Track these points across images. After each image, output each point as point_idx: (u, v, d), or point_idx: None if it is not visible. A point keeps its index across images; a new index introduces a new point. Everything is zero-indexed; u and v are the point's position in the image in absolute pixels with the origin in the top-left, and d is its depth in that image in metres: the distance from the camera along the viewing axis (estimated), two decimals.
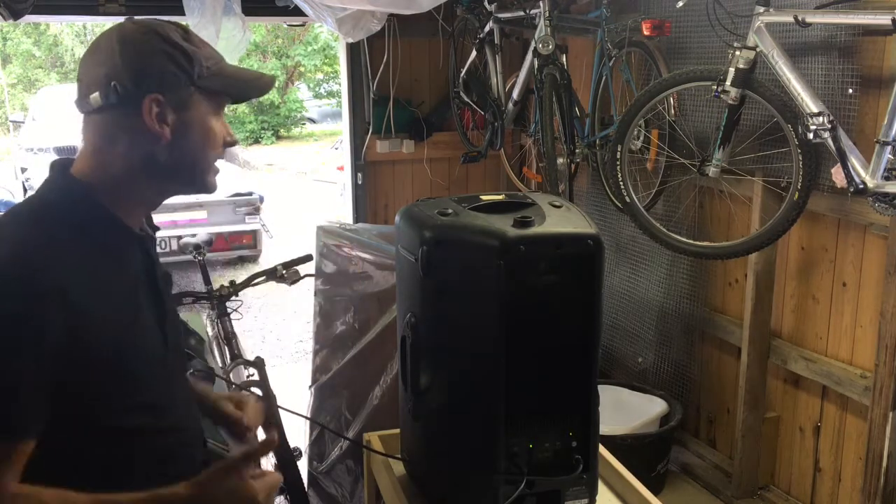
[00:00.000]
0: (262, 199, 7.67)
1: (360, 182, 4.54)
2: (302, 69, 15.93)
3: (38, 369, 1.13)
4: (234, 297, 3.05)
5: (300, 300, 6.57)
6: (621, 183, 3.02)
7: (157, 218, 1.47)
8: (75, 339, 1.16)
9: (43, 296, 1.14)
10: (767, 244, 2.80)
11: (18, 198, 8.42)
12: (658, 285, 3.59)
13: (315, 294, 3.28)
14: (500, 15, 3.81)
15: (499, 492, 1.36)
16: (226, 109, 1.39)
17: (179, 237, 6.24)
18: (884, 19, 2.25)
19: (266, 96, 15.02)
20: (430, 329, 1.42)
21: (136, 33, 1.27)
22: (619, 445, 2.82)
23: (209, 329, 3.23)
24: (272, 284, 3.11)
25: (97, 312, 1.19)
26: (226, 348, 3.07)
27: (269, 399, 2.87)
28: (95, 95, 1.25)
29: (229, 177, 8.91)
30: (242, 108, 14.91)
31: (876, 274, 2.68)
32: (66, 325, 1.15)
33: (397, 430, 1.69)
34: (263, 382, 2.94)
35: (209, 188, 1.37)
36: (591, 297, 1.36)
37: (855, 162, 2.40)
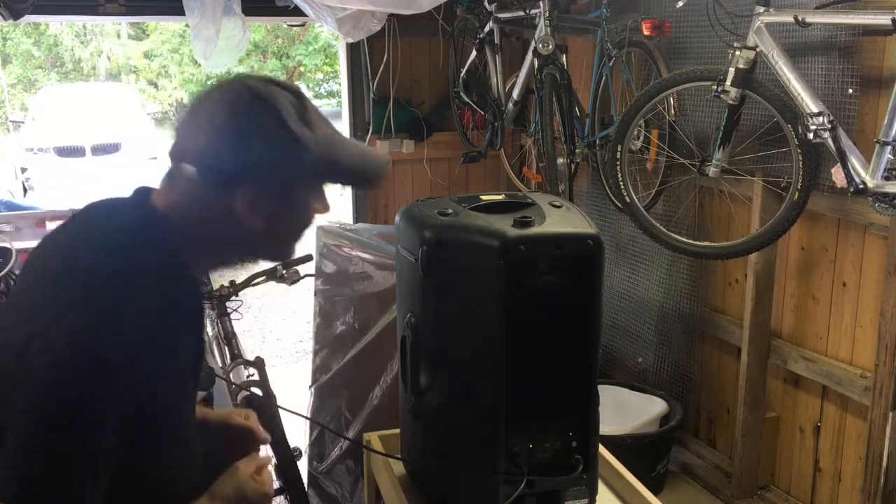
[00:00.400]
0: None
1: None
2: (302, 69, 15.92)
3: (109, 444, 1.07)
4: (234, 297, 3.05)
5: (300, 300, 6.57)
6: (621, 183, 3.02)
7: None
8: (139, 407, 1.09)
9: (119, 366, 1.06)
10: (767, 244, 2.80)
11: (18, 198, 8.41)
12: (658, 285, 3.59)
13: (315, 294, 3.28)
14: (500, 15, 3.81)
15: (499, 492, 1.36)
16: None
17: None
18: (884, 19, 2.25)
19: None
20: (430, 329, 1.42)
21: (248, 105, 1.14)
22: (619, 445, 2.82)
23: (209, 329, 3.22)
24: (272, 284, 3.11)
25: (161, 375, 1.14)
26: (226, 348, 3.07)
27: (269, 399, 2.87)
28: (190, 168, 1.15)
29: None
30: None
31: (876, 274, 2.68)
32: (136, 394, 1.08)
33: (397, 430, 1.69)
34: (263, 382, 2.94)
35: (289, 258, 1.33)
36: (591, 297, 1.36)
37: (855, 162, 2.40)
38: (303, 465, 3.15)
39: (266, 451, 2.82)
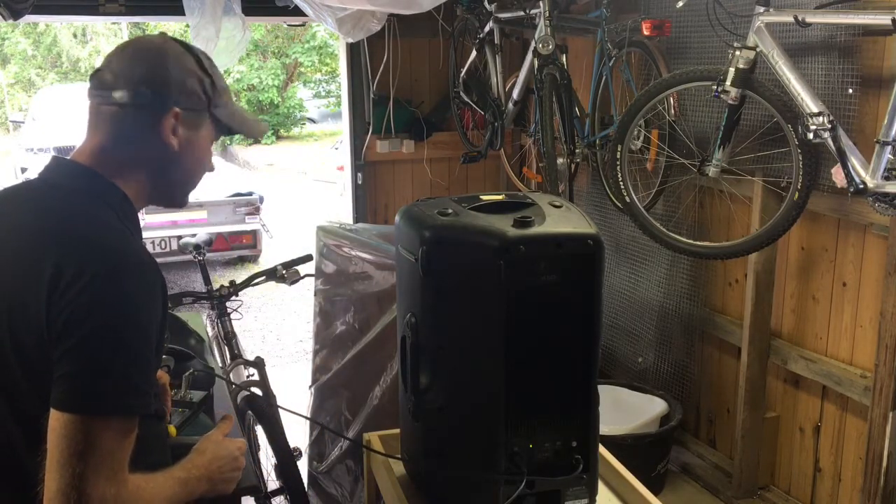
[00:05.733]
0: (262, 199, 7.67)
1: (360, 182, 4.53)
2: (302, 69, 15.93)
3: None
4: (234, 297, 3.05)
5: (300, 300, 6.57)
6: (621, 183, 3.02)
7: (157, 218, 1.52)
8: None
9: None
10: (767, 244, 2.80)
11: None
12: (658, 285, 3.59)
13: (315, 294, 3.28)
14: (500, 15, 3.81)
15: (499, 492, 1.36)
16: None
17: (179, 237, 6.23)
18: (884, 19, 2.25)
19: (266, 96, 15.07)
20: (430, 329, 1.42)
21: (177, 49, 1.35)
22: (619, 445, 2.81)
23: (209, 329, 3.22)
24: (272, 284, 3.11)
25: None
26: (226, 348, 3.07)
27: (268, 399, 2.87)
28: (121, 93, 1.30)
29: (229, 177, 8.93)
30: (242, 106, 14.88)
31: (876, 274, 2.68)
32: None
33: (397, 430, 1.69)
34: (263, 382, 2.94)
35: (183, 205, 1.46)
36: (591, 296, 1.36)
37: (855, 162, 2.40)
38: (303, 465, 3.15)
39: (266, 450, 2.82)
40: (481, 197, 1.47)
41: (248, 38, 3.71)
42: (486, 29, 3.90)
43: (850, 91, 2.58)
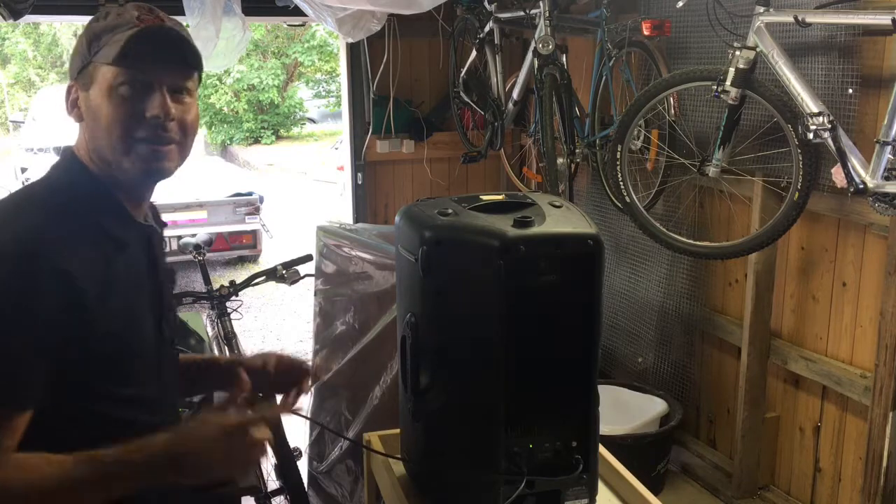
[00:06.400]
0: (262, 199, 7.67)
1: (360, 182, 4.53)
2: (302, 69, 15.93)
3: (36, 342, 1.15)
4: (234, 297, 3.05)
5: (300, 300, 6.57)
6: (621, 183, 3.02)
7: None
8: (73, 318, 1.17)
9: (42, 273, 1.15)
10: (767, 244, 2.80)
11: None
12: (658, 285, 3.59)
13: (315, 294, 3.28)
14: (500, 15, 3.81)
15: (499, 492, 1.36)
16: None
17: (179, 237, 6.21)
18: (884, 19, 2.25)
19: (266, 96, 15.01)
20: (430, 329, 1.42)
21: (90, 20, 1.29)
22: (619, 445, 2.81)
23: (209, 329, 3.22)
24: (272, 284, 3.11)
25: (95, 296, 1.19)
26: (226, 348, 3.07)
27: (268, 399, 2.87)
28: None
29: (229, 177, 8.93)
30: (242, 106, 14.90)
31: (876, 274, 2.68)
32: (65, 302, 1.16)
33: (397, 430, 1.68)
34: None
35: (126, 173, 1.28)
36: (592, 297, 1.36)
37: (855, 162, 2.40)
38: (303, 465, 3.15)
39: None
40: (481, 197, 1.47)
41: (248, 39, 3.71)
42: (486, 29, 3.90)
43: (850, 91, 2.58)
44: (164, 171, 1.31)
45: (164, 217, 1.49)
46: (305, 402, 3.32)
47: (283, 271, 3.02)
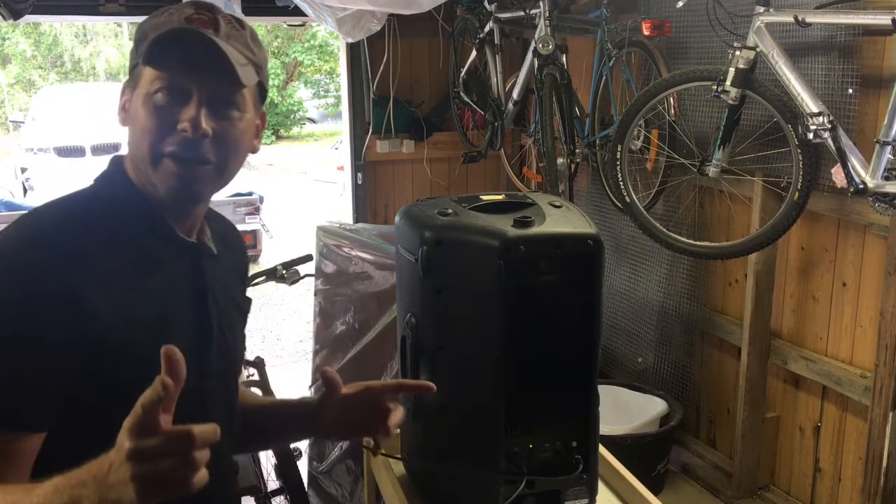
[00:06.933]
0: (262, 199, 7.68)
1: (360, 182, 4.54)
2: (302, 69, 15.94)
3: (41, 365, 1.04)
4: None
5: (300, 300, 6.57)
6: (621, 183, 3.02)
7: None
8: (76, 340, 1.05)
9: (43, 287, 1.04)
10: (767, 244, 2.80)
11: (18, 198, 8.42)
12: (658, 285, 3.59)
13: (315, 294, 3.28)
14: (500, 15, 3.81)
15: (499, 492, 1.36)
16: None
17: None
18: (884, 19, 2.25)
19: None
20: (430, 329, 1.42)
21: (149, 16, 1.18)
22: (619, 445, 2.82)
23: None
24: (272, 284, 3.10)
25: (108, 320, 1.07)
26: None
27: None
28: None
29: None
30: None
31: (876, 274, 2.68)
32: (76, 327, 1.04)
33: (397, 430, 1.68)
34: (263, 382, 2.94)
35: (156, 189, 1.14)
36: (592, 297, 1.36)
37: (855, 162, 2.40)
38: (303, 465, 3.15)
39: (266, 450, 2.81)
40: (481, 197, 1.47)
41: None
42: (486, 29, 3.90)
43: (850, 91, 2.58)
44: (194, 195, 1.17)
45: None
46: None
47: (283, 271, 3.02)
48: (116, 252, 1.11)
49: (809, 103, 2.46)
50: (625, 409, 3.39)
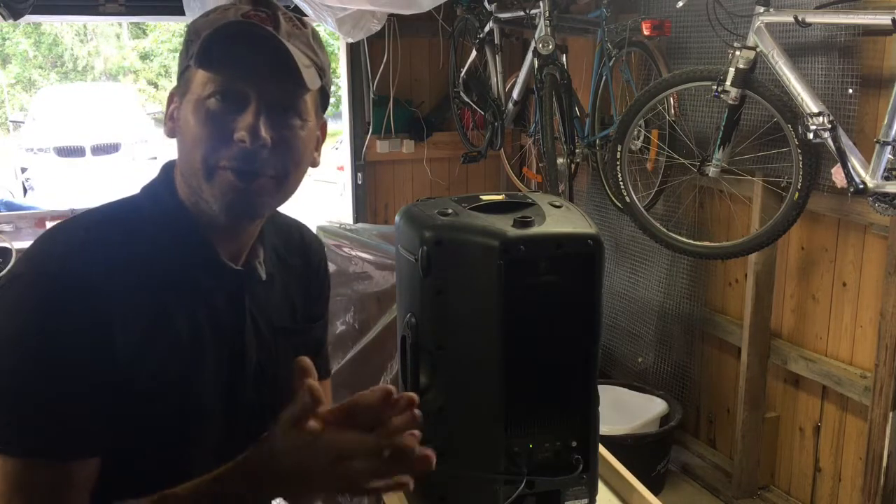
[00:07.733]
0: None
1: (360, 182, 4.54)
2: None
3: (56, 383, 0.96)
4: None
5: None
6: (621, 183, 3.02)
7: None
8: (98, 366, 0.98)
9: (66, 306, 0.96)
10: (767, 244, 2.80)
11: (18, 198, 8.42)
12: (658, 285, 3.59)
13: None
14: (500, 15, 3.81)
15: (499, 492, 1.36)
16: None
17: None
18: (884, 19, 2.25)
19: None
20: (430, 329, 1.42)
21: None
22: (619, 445, 2.82)
23: None
24: None
25: (132, 349, 1.00)
26: None
27: None
28: None
29: None
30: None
31: (876, 274, 2.68)
32: (88, 346, 0.97)
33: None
34: None
35: (209, 205, 1.04)
36: (592, 297, 1.36)
37: (855, 162, 2.40)
38: None
39: None
40: (481, 197, 1.47)
41: None
42: (486, 29, 3.90)
43: (850, 91, 2.58)
44: (252, 211, 1.08)
45: None
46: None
47: None
48: (150, 277, 1.03)
49: (809, 103, 2.46)
50: (625, 409, 3.39)
